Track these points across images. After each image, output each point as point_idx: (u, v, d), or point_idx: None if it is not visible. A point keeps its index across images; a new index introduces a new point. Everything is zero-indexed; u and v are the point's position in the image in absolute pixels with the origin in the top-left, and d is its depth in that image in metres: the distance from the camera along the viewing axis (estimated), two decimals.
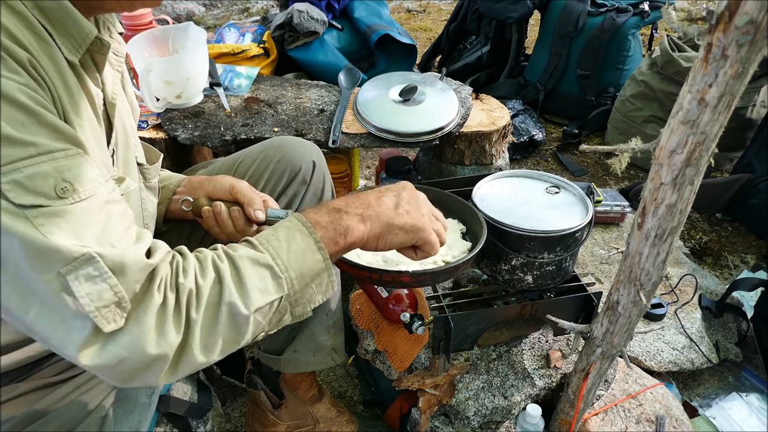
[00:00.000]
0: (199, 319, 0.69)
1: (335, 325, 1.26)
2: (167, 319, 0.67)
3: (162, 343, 0.66)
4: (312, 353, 1.24)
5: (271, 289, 0.74)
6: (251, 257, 0.74)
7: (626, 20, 2.69)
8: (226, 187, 1.02)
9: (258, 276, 0.73)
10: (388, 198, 0.87)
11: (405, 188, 0.90)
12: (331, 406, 1.35)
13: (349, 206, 0.84)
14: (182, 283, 0.68)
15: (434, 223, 0.89)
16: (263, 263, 0.74)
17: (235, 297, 0.71)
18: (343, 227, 0.82)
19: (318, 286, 0.80)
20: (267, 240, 0.77)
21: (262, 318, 0.75)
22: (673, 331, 1.53)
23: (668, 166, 0.78)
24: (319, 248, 0.79)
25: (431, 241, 0.88)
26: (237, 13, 4.66)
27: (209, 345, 0.70)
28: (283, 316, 0.78)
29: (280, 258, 0.75)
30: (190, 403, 1.25)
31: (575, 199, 1.27)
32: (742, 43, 0.63)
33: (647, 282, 0.92)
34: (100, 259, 0.63)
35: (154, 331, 0.66)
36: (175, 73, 1.59)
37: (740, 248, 2.16)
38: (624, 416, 1.29)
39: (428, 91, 1.76)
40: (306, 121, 1.71)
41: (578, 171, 2.62)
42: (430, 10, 4.77)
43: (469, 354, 1.34)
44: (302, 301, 0.79)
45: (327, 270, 0.80)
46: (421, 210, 0.88)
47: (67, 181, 0.63)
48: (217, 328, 0.70)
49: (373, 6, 2.55)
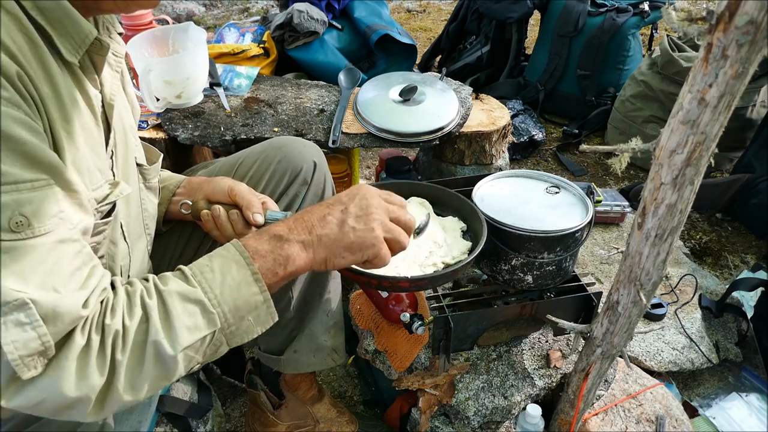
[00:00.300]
0: (125, 360, 0.67)
1: (336, 326, 1.26)
2: (90, 361, 0.65)
3: (83, 386, 0.65)
4: (312, 354, 1.24)
5: (202, 325, 0.72)
6: (181, 292, 0.72)
7: (626, 20, 2.69)
8: (224, 189, 1.01)
9: (187, 313, 0.71)
10: (334, 215, 0.83)
11: (355, 197, 0.85)
12: (331, 407, 1.35)
13: (292, 232, 0.81)
14: (108, 325, 0.67)
15: (389, 231, 0.84)
16: (193, 299, 0.72)
17: (161, 337, 0.69)
18: (284, 257, 0.79)
19: (255, 319, 0.78)
20: (201, 272, 0.75)
21: (194, 353, 0.73)
22: (673, 331, 1.53)
23: (668, 166, 0.78)
24: (256, 280, 0.77)
25: (380, 255, 0.83)
26: (237, 13, 4.66)
27: (136, 385, 0.69)
28: (218, 348, 0.77)
29: (212, 292, 0.73)
30: (190, 403, 1.25)
31: (575, 199, 1.27)
32: (742, 43, 0.63)
33: (647, 282, 0.92)
34: (33, 307, 0.61)
35: (75, 374, 0.64)
36: (175, 73, 1.59)
37: (740, 248, 2.16)
38: (624, 416, 1.29)
39: (428, 91, 1.76)
40: (306, 121, 1.71)
41: (578, 171, 2.62)
42: (430, 10, 4.77)
43: (469, 354, 1.34)
44: (238, 333, 0.77)
45: (265, 302, 0.78)
46: (370, 223, 0.83)
47: (23, 216, 0.61)
48: (143, 369, 0.69)
49: (373, 6, 2.55)
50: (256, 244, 0.79)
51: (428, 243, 1.10)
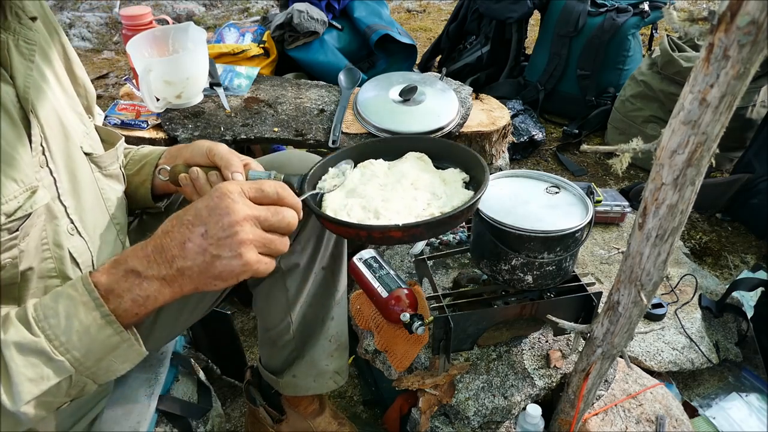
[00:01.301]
0: None
1: (339, 348, 1.24)
2: None
3: None
4: (312, 379, 1.22)
5: (49, 374, 0.66)
6: (20, 343, 0.65)
7: (626, 20, 2.69)
8: (203, 151, 0.94)
9: (28, 364, 0.65)
10: (194, 242, 0.69)
11: (215, 213, 0.69)
12: (332, 419, 1.34)
13: (150, 267, 0.69)
14: None
15: (263, 246, 0.72)
16: (34, 349, 0.65)
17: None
18: (143, 297, 0.70)
19: (118, 358, 0.70)
20: (45, 316, 0.67)
21: (51, 397, 0.68)
22: (673, 331, 1.53)
23: (669, 166, 0.78)
24: (108, 322, 0.68)
25: (258, 272, 0.72)
26: (237, 13, 4.66)
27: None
28: (85, 387, 0.71)
29: (57, 339, 0.66)
30: (190, 403, 1.24)
31: (575, 199, 1.27)
32: (744, 44, 0.63)
33: (648, 282, 0.92)
34: None
35: None
36: (175, 73, 1.59)
37: (740, 248, 2.16)
38: (624, 416, 1.29)
39: (428, 91, 1.76)
40: (306, 121, 1.71)
41: (578, 171, 2.62)
42: (430, 10, 4.77)
43: (469, 354, 1.34)
44: (101, 373, 0.70)
45: (125, 342, 0.70)
46: (236, 248, 0.69)
47: None
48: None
49: (373, 6, 2.55)
50: (110, 282, 0.69)
51: (425, 195, 1.02)
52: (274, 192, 0.74)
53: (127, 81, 1.89)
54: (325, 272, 1.18)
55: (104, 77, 3.63)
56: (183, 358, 1.33)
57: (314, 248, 1.13)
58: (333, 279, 1.20)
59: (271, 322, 1.20)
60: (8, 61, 0.72)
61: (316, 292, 1.18)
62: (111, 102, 1.93)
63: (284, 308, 1.16)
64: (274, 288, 1.15)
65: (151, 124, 1.68)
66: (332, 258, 1.18)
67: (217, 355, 1.56)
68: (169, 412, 1.18)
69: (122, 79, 3.50)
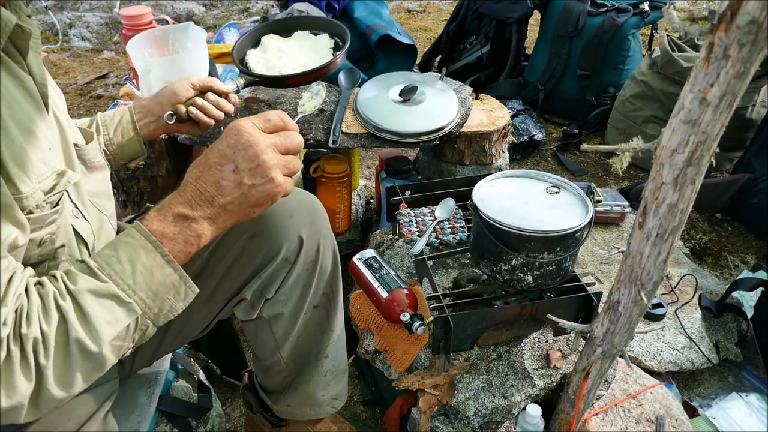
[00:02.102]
0: (50, 363, 0.67)
1: (336, 377, 1.20)
2: (14, 371, 0.65)
3: (12, 395, 0.65)
4: (308, 408, 1.20)
5: (122, 316, 0.72)
6: (93, 290, 0.71)
7: (626, 20, 2.69)
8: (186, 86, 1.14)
9: (103, 308, 0.70)
10: (228, 179, 0.76)
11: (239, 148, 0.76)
12: (332, 424, 1.33)
13: (195, 209, 0.76)
14: (26, 333, 0.66)
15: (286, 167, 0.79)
16: (107, 293, 0.71)
17: (82, 335, 0.69)
18: (194, 237, 0.77)
19: (176, 296, 0.77)
20: (108, 264, 0.73)
21: (121, 341, 0.73)
22: (673, 331, 1.53)
23: (669, 165, 0.78)
24: (168, 262, 0.75)
25: (287, 191, 0.80)
26: (237, 13, 4.66)
27: (67, 382, 0.69)
28: (146, 331, 0.76)
29: (125, 283, 0.72)
30: (190, 403, 1.24)
31: (575, 199, 1.27)
32: (744, 43, 0.63)
33: (648, 281, 0.92)
34: None
35: (2, 386, 0.64)
36: (175, 73, 1.59)
37: (740, 248, 2.16)
38: (624, 416, 1.29)
39: (428, 91, 1.76)
40: (306, 121, 1.71)
41: (578, 171, 2.62)
42: (430, 10, 4.77)
43: (469, 354, 1.34)
44: (162, 314, 0.76)
45: (182, 279, 0.77)
46: (268, 173, 0.77)
47: None
48: (72, 366, 0.69)
49: (373, 6, 2.55)
50: (162, 227, 0.75)
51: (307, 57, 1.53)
52: (279, 120, 0.81)
53: (127, 81, 1.89)
54: (318, 311, 1.12)
55: (104, 77, 3.64)
56: (183, 358, 1.34)
57: (301, 295, 1.07)
58: (327, 318, 1.15)
59: (261, 355, 1.17)
60: (26, 54, 0.75)
61: (307, 329, 1.12)
62: (111, 102, 1.93)
63: (273, 347, 1.12)
64: (260, 329, 1.11)
65: None
66: (325, 297, 1.12)
67: (217, 355, 1.56)
68: (169, 412, 1.18)
69: (122, 79, 3.51)
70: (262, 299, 1.04)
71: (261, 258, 1.01)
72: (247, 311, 1.06)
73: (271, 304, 1.05)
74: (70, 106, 3.27)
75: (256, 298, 1.04)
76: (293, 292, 1.06)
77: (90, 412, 0.94)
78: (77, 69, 3.78)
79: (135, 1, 4.53)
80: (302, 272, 1.05)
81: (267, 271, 1.01)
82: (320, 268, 1.07)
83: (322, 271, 1.08)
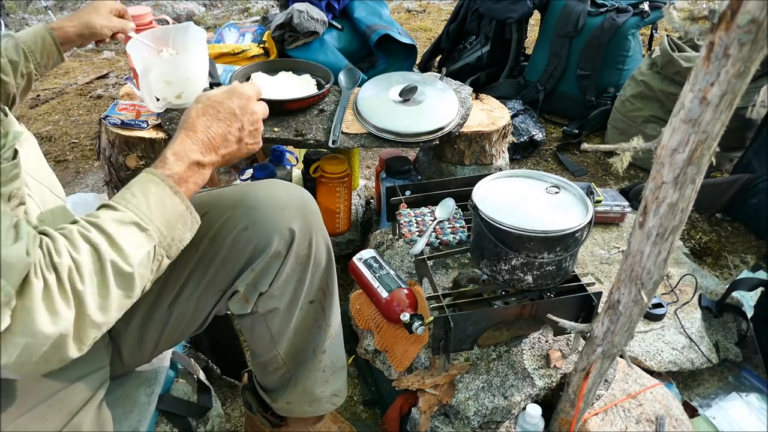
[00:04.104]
0: (87, 288, 0.71)
1: (335, 373, 1.21)
2: (54, 298, 0.68)
3: (58, 321, 0.68)
4: (308, 404, 1.20)
5: (143, 242, 0.78)
6: (115, 218, 0.77)
7: (626, 20, 2.69)
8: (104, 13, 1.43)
9: (128, 233, 0.77)
10: (233, 134, 0.92)
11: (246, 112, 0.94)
12: (332, 423, 1.33)
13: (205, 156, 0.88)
14: (59, 263, 0.69)
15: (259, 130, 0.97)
16: (128, 221, 0.77)
17: (115, 256, 0.74)
18: (201, 180, 0.89)
19: (183, 226, 0.85)
20: (124, 199, 0.80)
21: (144, 270, 0.78)
22: (673, 331, 1.53)
23: (670, 165, 0.78)
24: (175, 193, 0.83)
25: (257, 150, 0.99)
26: (237, 13, 4.66)
27: (104, 307, 0.73)
28: (161, 262, 0.82)
29: (142, 212, 0.79)
30: (190, 403, 1.24)
31: (575, 199, 1.27)
32: (744, 42, 0.63)
33: (648, 281, 0.92)
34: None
35: (46, 313, 0.67)
36: (175, 73, 1.59)
37: (740, 248, 2.16)
38: (624, 416, 1.29)
39: (428, 91, 1.76)
40: (306, 121, 1.71)
41: (578, 171, 2.62)
42: (430, 10, 4.77)
43: (469, 354, 1.34)
44: (174, 243, 0.83)
45: (188, 209, 0.85)
46: (258, 136, 0.97)
47: None
48: (109, 290, 0.73)
49: (373, 6, 2.55)
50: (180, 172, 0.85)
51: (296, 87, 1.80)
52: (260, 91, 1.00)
53: (127, 81, 1.89)
54: (314, 305, 1.12)
55: (104, 77, 3.64)
56: (183, 357, 1.33)
57: (295, 289, 1.07)
58: (323, 313, 1.15)
59: (258, 352, 1.17)
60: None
61: (303, 324, 1.12)
62: (111, 102, 1.93)
63: (270, 343, 1.13)
64: (257, 325, 1.11)
65: (152, 124, 1.68)
66: (321, 292, 1.12)
67: (217, 355, 1.56)
68: (169, 412, 1.18)
69: (122, 79, 3.51)
70: (256, 293, 1.04)
71: (252, 250, 1.01)
72: (242, 305, 1.06)
73: (265, 298, 1.06)
74: (71, 106, 3.27)
75: (250, 291, 1.04)
76: (287, 286, 1.06)
77: (83, 401, 0.94)
78: (77, 69, 3.78)
79: (135, 1, 4.53)
80: (295, 266, 1.05)
81: (259, 264, 1.01)
82: (314, 262, 1.07)
83: (316, 265, 1.08)
